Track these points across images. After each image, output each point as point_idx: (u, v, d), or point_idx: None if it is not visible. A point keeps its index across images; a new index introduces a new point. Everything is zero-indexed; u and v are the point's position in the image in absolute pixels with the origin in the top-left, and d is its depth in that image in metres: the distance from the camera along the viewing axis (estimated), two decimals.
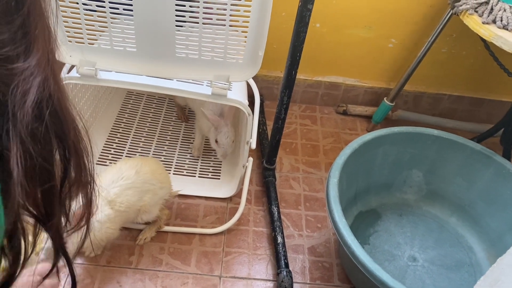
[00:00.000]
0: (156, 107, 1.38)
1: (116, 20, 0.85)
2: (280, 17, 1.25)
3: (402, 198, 1.16)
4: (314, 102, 1.48)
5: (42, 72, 0.29)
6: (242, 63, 0.88)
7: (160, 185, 0.97)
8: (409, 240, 1.08)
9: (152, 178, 0.95)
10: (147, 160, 1.01)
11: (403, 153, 1.10)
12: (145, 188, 0.94)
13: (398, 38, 1.32)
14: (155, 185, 0.96)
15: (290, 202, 1.17)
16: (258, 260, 1.02)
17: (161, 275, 0.97)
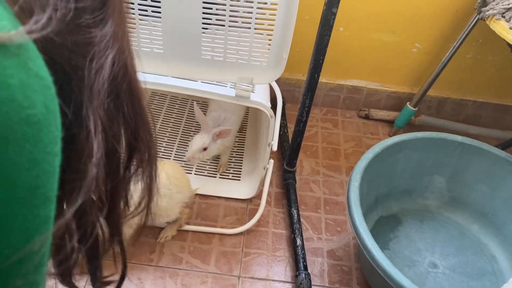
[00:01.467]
0: (179, 107, 1.40)
1: (145, 22, 0.87)
2: (303, 20, 1.26)
3: (423, 204, 1.15)
4: (335, 106, 1.48)
5: (118, 44, 0.27)
6: (266, 66, 0.89)
7: (178, 189, 0.98)
8: (429, 247, 1.07)
9: (168, 183, 0.96)
10: (164, 164, 1.01)
11: (426, 159, 1.09)
12: (161, 193, 0.95)
13: (422, 43, 1.31)
14: (172, 190, 0.97)
15: (310, 205, 1.17)
16: (277, 262, 1.03)
17: (181, 273, 0.98)
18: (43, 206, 0.20)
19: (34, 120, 0.19)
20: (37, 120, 0.19)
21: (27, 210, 0.19)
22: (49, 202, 0.21)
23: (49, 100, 0.20)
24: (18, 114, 0.18)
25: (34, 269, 0.21)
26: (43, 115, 0.19)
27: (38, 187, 0.19)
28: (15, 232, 0.19)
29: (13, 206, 0.18)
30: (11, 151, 0.18)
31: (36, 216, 0.20)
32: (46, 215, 0.21)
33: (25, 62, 0.18)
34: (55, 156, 0.21)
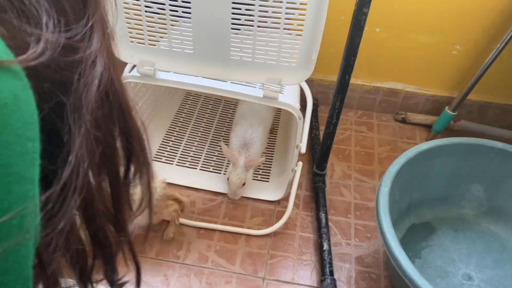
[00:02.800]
0: (212, 108, 1.41)
1: (176, 23, 0.88)
2: (338, 21, 1.24)
3: (459, 212, 1.10)
4: (371, 109, 1.45)
5: (103, 60, 0.29)
6: (295, 66, 0.88)
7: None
8: (464, 258, 1.02)
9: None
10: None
11: (463, 165, 1.04)
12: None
13: (463, 45, 1.25)
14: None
15: (340, 210, 1.15)
16: (303, 266, 1.01)
17: (206, 272, 0.99)
18: (17, 183, 0.22)
19: (1, 103, 0.21)
20: (4, 103, 0.21)
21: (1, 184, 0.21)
22: (25, 181, 0.23)
23: (19, 90, 0.22)
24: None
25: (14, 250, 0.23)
26: (10, 100, 0.21)
27: (10, 165, 0.22)
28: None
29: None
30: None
31: (11, 191, 0.22)
32: (21, 193, 0.23)
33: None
34: (28, 139, 0.23)
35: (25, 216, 0.23)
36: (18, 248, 0.23)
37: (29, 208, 0.23)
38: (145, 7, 0.86)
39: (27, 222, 0.23)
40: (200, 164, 1.22)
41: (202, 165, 1.22)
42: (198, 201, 1.13)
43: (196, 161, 1.23)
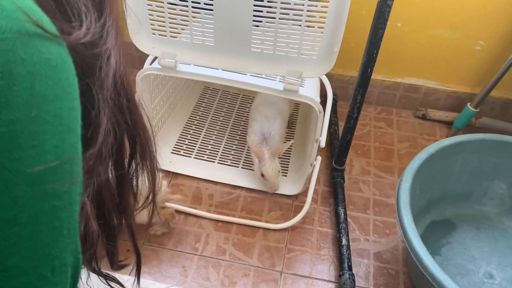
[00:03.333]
0: (230, 102, 1.41)
1: (197, 15, 0.89)
2: (359, 15, 1.23)
3: (481, 210, 1.08)
4: (391, 105, 1.43)
5: (117, 51, 0.32)
6: (316, 59, 0.88)
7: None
8: (486, 256, 1.00)
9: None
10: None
11: (485, 162, 1.03)
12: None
13: (486, 40, 1.23)
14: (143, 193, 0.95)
15: (358, 206, 1.14)
16: (320, 260, 1.01)
17: (224, 264, 0.99)
18: (67, 133, 0.25)
19: (53, 63, 0.24)
20: (55, 64, 0.24)
21: (55, 132, 0.24)
22: (73, 133, 0.26)
23: (65, 55, 0.25)
24: (39, 56, 0.23)
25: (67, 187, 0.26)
26: (59, 62, 0.24)
27: (62, 117, 0.25)
28: (49, 144, 0.24)
29: (45, 126, 0.24)
30: (38, 84, 0.23)
31: (63, 139, 0.25)
32: (71, 143, 0.26)
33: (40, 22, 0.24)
34: (74, 98, 0.26)
35: (74, 164, 0.26)
36: (70, 190, 0.26)
37: (77, 158, 0.26)
38: None
39: (75, 170, 0.26)
40: (218, 157, 1.23)
41: (220, 158, 1.22)
42: (216, 194, 1.14)
43: (214, 154, 1.23)
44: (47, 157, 0.24)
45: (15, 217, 0.24)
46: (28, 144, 0.23)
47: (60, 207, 0.26)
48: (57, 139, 0.24)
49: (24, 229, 0.24)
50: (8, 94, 0.22)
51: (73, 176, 0.26)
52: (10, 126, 0.22)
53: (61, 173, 0.25)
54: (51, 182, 0.25)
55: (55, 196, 0.25)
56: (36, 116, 0.23)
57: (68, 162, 0.26)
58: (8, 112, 0.22)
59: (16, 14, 0.22)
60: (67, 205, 0.26)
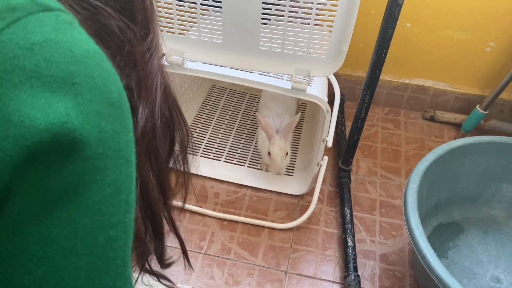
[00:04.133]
0: (237, 101, 1.41)
1: (206, 12, 0.88)
2: (368, 15, 1.22)
3: (489, 213, 1.07)
4: (399, 106, 1.42)
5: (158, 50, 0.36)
6: (325, 58, 0.87)
7: None
8: (493, 259, 0.99)
9: None
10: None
11: (494, 165, 1.01)
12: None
13: (497, 42, 1.22)
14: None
15: (365, 206, 1.13)
16: (326, 261, 1.00)
17: (229, 263, 0.98)
18: (125, 165, 0.27)
19: (112, 101, 0.26)
20: (114, 102, 0.26)
21: (115, 166, 0.26)
22: (129, 164, 0.27)
23: (121, 90, 0.27)
24: (101, 96, 0.25)
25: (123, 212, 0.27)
26: (117, 99, 0.26)
27: (120, 150, 0.26)
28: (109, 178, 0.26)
29: (107, 161, 0.25)
30: (102, 122, 0.25)
31: (121, 172, 0.26)
32: (127, 173, 0.27)
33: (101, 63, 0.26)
34: (129, 130, 0.27)
35: (130, 193, 0.28)
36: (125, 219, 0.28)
37: (132, 187, 0.28)
38: None
39: (131, 198, 0.28)
40: (224, 155, 1.22)
41: (226, 157, 1.22)
42: (222, 193, 1.13)
43: (220, 153, 1.23)
44: (107, 190, 0.25)
45: (73, 248, 0.25)
46: (92, 179, 0.25)
47: (115, 237, 0.27)
48: (116, 172, 0.26)
49: (80, 260, 0.25)
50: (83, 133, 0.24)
51: (128, 205, 0.27)
52: (81, 162, 0.24)
53: (117, 204, 0.26)
54: (108, 213, 0.26)
55: (111, 227, 0.26)
56: (101, 153, 0.25)
57: (125, 193, 0.27)
58: (82, 150, 0.24)
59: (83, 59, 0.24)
60: (122, 234, 0.27)
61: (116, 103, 0.26)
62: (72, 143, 0.23)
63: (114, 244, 0.27)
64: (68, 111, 0.23)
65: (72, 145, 0.23)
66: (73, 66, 0.23)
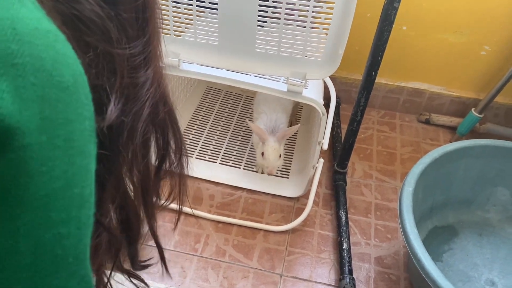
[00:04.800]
0: (233, 103, 1.40)
1: (202, 14, 0.88)
2: (364, 18, 1.22)
3: (483, 217, 1.07)
4: (394, 109, 1.42)
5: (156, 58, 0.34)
6: (321, 61, 0.87)
7: None
8: (488, 263, 0.99)
9: None
10: None
11: (489, 168, 1.02)
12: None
13: (492, 45, 1.22)
14: None
15: (360, 209, 1.13)
16: (321, 264, 1.00)
17: (224, 266, 0.98)
18: (78, 156, 0.25)
19: (64, 86, 0.23)
20: (66, 87, 0.24)
21: (65, 156, 0.24)
22: (84, 155, 0.25)
23: (77, 74, 0.25)
24: (49, 80, 0.23)
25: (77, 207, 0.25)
26: (71, 83, 0.24)
27: (73, 140, 0.24)
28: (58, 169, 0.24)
29: (55, 151, 0.23)
30: (47, 108, 0.23)
31: (73, 163, 0.24)
32: (81, 165, 0.25)
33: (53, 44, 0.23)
34: (85, 118, 0.25)
35: (85, 186, 0.26)
36: (79, 215, 0.25)
37: (88, 180, 0.26)
38: None
39: (86, 193, 0.26)
40: (220, 158, 1.22)
41: (221, 159, 1.22)
42: (217, 195, 1.13)
43: (216, 154, 1.23)
44: (56, 183, 0.23)
45: (15, 245, 0.23)
46: (37, 171, 0.22)
47: (66, 234, 0.25)
48: (67, 164, 0.24)
49: (24, 259, 0.23)
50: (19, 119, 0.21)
51: (83, 200, 0.25)
52: (19, 152, 0.21)
53: (69, 198, 0.24)
54: (57, 209, 0.24)
55: (61, 223, 0.24)
56: (45, 142, 0.23)
57: (78, 186, 0.25)
58: (19, 138, 0.21)
59: (29, 38, 0.22)
60: (75, 231, 0.25)
61: (70, 88, 0.24)
62: (5, 130, 0.21)
63: (64, 241, 0.25)
64: (3, 95, 0.20)
65: (6, 132, 0.21)
66: (15, 45, 0.21)
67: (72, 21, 0.27)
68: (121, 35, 0.30)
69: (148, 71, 0.33)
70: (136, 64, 0.32)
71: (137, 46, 0.32)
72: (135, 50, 0.31)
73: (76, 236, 0.25)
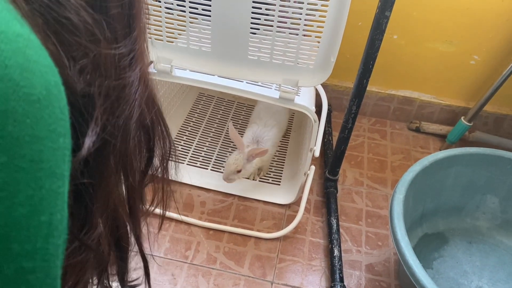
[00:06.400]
0: (225, 109, 1.40)
1: (195, 20, 0.88)
2: (355, 26, 1.23)
3: (473, 224, 1.08)
4: (385, 117, 1.43)
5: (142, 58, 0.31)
6: (313, 68, 0.87)
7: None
8: (477, 270, 1.00)
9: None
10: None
11: (478, 176, 1.03)
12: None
13: (481, 55, 1.24)
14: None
15: (351, 216, 1.13)
16: (312, 271, 1.00)
17: (214, 273, 0.97)
18: (48, 179, 0.22)
19: (33, 99, 0.20)
20: (37, 99, 0.21)
21: (30, 179, 0.21)
22: (56, 177, 0.22)
23: (51, 85, 0.22)
24: (15, 92, 0.20)
25: (44, 236, 0.22)
26: (43, 95, 0.21)
27: (41, 161, 0.21)
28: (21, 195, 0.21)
29: (17, 174, 0.20)
30: (11, 124, 0.19)
31: (41, 187, 0.21)
32: (52, 189, 0.22)
33: (23, 49, 0.20)
34: (59, 135, 0.22)
35: (53, 213, 0.23)
36: (47, 246, 0.22)
37: (59, 205, 0.23)
38: (164, 3, 0.86)
39: (56, 219, 0.23)
40: (211, 164, 1.22)
41: (213, 165, 1.21)
42: (208, 202, 1.13)
43: (207, 161, 1.22)
44: (18, 210, 0.20)
45: None
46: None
47: (30, 269, 0.22)
48: (33, 188, 0.21)
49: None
50: None
51: (51, 228, 0.22)
52: None
53: (34, 228, 0.21)
54: (19, 240, 0.21)
55: (24, 257, 0.21)
56: (5, 163, 0.19)
57: (46, 213, 0.22)
58: None
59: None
60: (41, 264, 0.22)
61: (41, 101, 0.21)
62: None
63: (29, 276, 0.22)
64: None
65: None
66: None
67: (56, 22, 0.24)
68: (110, 34, 0.28)
69: (136, 70, 0.30)
70: (126, 63, 0.29)
71: (126, 45, 0.29)
72: (125, 49, 0.29)
73: (43, 270, 0.22)
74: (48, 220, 0.22)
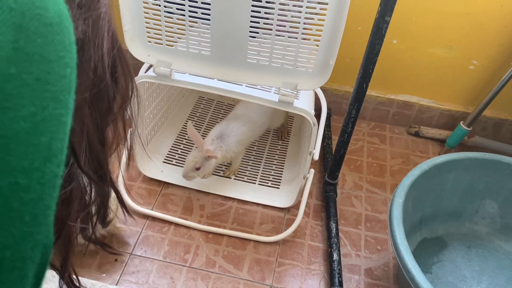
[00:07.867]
0: (224, 113, 1.41)
1: (194, 24, 0.89)
2: (355, 31, 1.24)
3: (472, 229, 1.08)
4: (384, 121, 1.44)
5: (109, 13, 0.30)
6: (312, 72, 0.88)
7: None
8: (476, 275, 0.99)
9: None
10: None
11: (477, 181, 1.03)
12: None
13: (480, 60, 1.24)
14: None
15: (350, 220, 1.13)
16: (311, 275, 1.00)
17: (213, 277, 0.97)
18: (51, 102, 0.22)
19: (46, 21, 0.21)
20: (49, 23, 0.21)
21: (36, 98, 0.21)
22: (59, 104, 0.22)
23: (64, 16, 0.22)
24: (30, 9, 0.20)
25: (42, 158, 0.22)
26: (55, 21, 0.22)
27: (47, 82, 0.21)
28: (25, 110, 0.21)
29: (22, 88, 0.20)
30: (23, 39, 0.20)
31: (45, 108, 0.21)
32: (54, 114, 0.22)
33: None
34: (67, 65, 0.23)
35: (55, 139, 0.22)
36: (44, 169, 0.22)
37: (60, 133, 0.23)
38: (164, 7, 0.86)
39: (55, 146, 0.23)
40: None
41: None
42: (208, 205, 1.13)
43: None
44: (20, 123, 0.20)
45: None
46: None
47: (25, 186, 0.21)
48: (37, 106, 0.21)
49: None
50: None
51: (50, 152, 0.22)
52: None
53: (33, 146, 0.21)
54: (17, 154, 0.21)
55: (20, 172, 0.21)
56: (14, 75, 0.20)
57: (47, 135, 0.22)
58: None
59: None
60: (36, 186, 0.22)
61: (53, 26, 0.21)
62: None
63: (22, 194, 0.21)
64: None
65: None
66: None
67: None
68: None
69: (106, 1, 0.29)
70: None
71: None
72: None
73: (37, 191, 0.22)
74: (48, 143, 0.22)
